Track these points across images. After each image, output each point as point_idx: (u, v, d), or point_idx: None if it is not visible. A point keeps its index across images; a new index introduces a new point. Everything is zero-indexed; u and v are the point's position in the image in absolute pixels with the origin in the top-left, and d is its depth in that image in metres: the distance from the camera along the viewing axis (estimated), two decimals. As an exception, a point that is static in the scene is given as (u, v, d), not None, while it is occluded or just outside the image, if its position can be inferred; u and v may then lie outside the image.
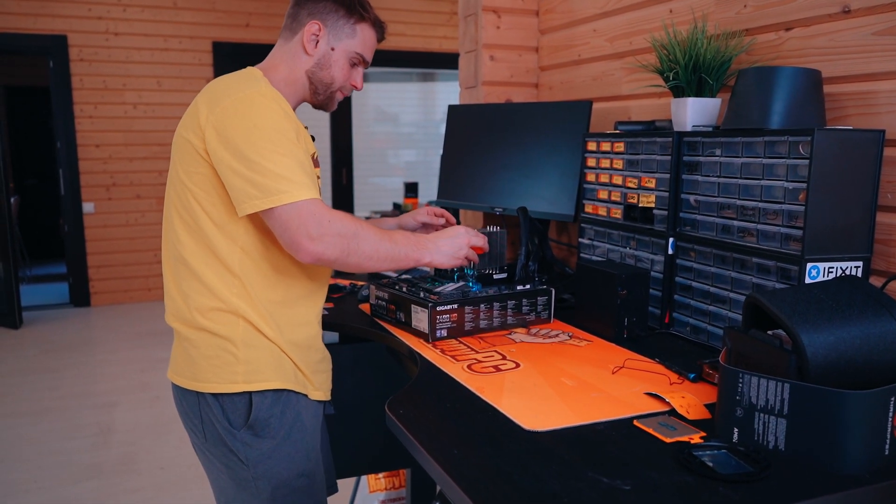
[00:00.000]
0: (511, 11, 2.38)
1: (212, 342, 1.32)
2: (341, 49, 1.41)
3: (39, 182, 8.18)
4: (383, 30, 1.48)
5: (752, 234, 1.34)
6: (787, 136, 1.25)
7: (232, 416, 1.32)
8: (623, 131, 1.68)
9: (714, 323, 1.45)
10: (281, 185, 1.22)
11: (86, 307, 5.95)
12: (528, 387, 1.21)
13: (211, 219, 1.30)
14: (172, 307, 1.37)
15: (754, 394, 0.96)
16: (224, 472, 1.36)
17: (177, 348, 1.39)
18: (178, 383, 1.37)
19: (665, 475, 0.89)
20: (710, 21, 1.69)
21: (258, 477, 1.33)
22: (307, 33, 1.39)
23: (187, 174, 1.30)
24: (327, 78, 1.42)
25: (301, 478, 1.37)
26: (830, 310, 0.99)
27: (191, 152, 1.29)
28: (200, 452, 1.40)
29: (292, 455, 1.36)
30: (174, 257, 1.35)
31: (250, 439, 1.32)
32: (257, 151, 1.22)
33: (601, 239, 1.78)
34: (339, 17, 1.40)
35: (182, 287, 1.34)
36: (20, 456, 3.17)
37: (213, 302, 1.31)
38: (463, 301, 1.49)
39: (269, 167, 1.22)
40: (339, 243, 1.25)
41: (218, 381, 1.32)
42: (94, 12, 5.71)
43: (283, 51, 1.42)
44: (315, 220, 1.23)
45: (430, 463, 0.93)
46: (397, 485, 2.35)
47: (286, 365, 1.36)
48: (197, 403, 1.34)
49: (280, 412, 1.35)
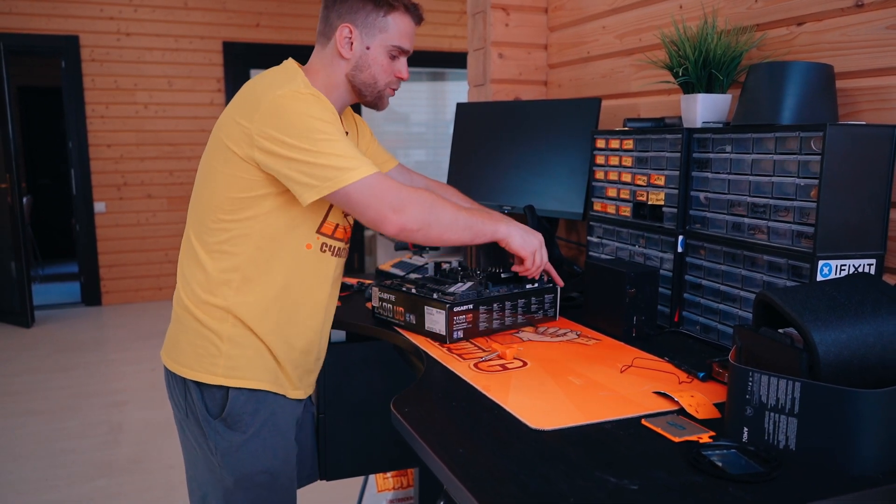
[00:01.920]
0: (520, 9, 2.37)
1: (199, 331, 1.35)
2: (377, 46, 1.38)
3: (51, 182, 8.24)
4: (419, 13, 1.42)
5: (762, 232, 1.32)
6: (799, 131, 1.23)
7: (209, 405, 1.36)
8: (632, 128, 1.66)
9: (724, 321, 1.43)
10: (343, 164, 1.22)
11: (97, 306, 5.99)
12: (534, 385, 1.19)
13: (228, 216, 1.31)
14: (178, 290, 1.41)
15: (764, 392, 0.94)
16: (198, 451, 1.40)
17: (171, 330, 1.43)
18: (165, 364, 1.42)
19: (674, 475, 0.88)
20: (721, 16, 1.67)
21: (223, 466, 1.37)
22: (339, 38, 1.36)
23: (213, 168, 1.32)
24: (369, 79, 1.39)
25: (264, 474, 1.39)
26: (843, 307, 0.97)
27: (224, 150, 1.29)
28: (180, 427, 1.44)
29: (258, 452, 1.38)
30: (188, 243, 1.38)
31: (222, 430, 1.35)
32: (310, 140, 1.22)
33: (610, 237, 1.76)
34: (368, 13, 1.36)
35: (185, 272, 1.37)
36: (32, 454, 3.19)
37: (208, 294, 1.34)
38: (478, 301, 1.46)
39: (326, 151, 1.22)
40: (421, 213, 1.27)
41: (198, 370, 1.35)
42: (106, 13, 5.74)
43: (320, 57, 1.41)
44: (394, 192, 1.25)
45: (435, 462, 0.92)
46: (405, 484, 2.34)
47: (269, 366, 1.37)
48: (182, 383, 1.38)
49: (253, 410, 1.37)
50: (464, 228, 1.35)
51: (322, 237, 1.37)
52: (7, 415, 3.65)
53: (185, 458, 1.47)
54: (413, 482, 2.31)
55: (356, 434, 1.99)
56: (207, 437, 1.36)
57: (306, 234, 1.35)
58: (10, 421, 3.57)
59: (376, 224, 1.26)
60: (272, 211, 1.30)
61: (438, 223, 1.30)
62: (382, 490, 2.33)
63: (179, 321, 1.39)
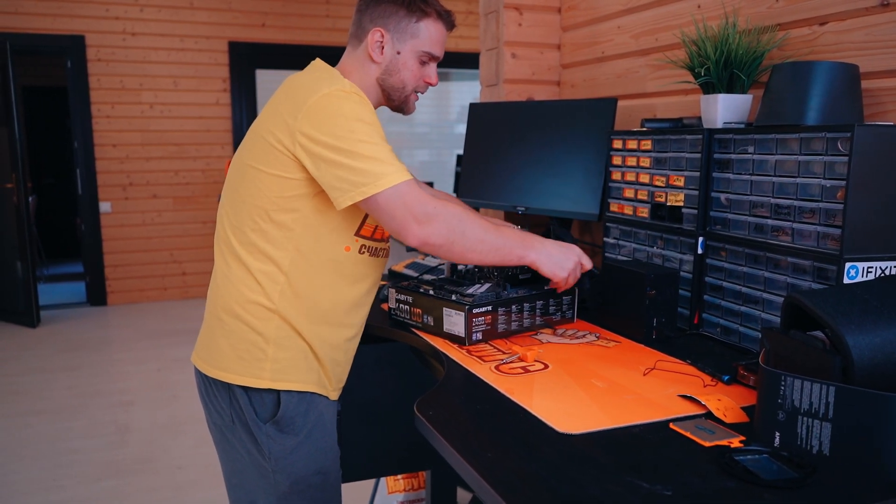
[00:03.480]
0: (533, 8, 2.36)
1: (244, 334, 1.32)
2: (408, 51, 1.39)
3: (57, 182, 8.24)
4: (451, 20, 1.43)
5: (786, 233, 1.31)
6: (826, 132, 1.22)
7: (258, 409, 1.33)
8: (651, 129, 1.65)
9: (746, 324, 1.41)
10: (378, 169, 1.21)
11: (102, 306, 5.98)
12: (558, 388, 1.18)
13: (270, 216, 1.29)
14: (215, 291, 1.38)
15: (797, 397, 0.93)
16: (246, 458, 1.37)
17: (206, 334, 1.39)
18: (202, 370, 1.37)
19: (706, 480, 0.86)
20: (741, 16, 1.66)
21: (277, 471, 1.34)
22: (371, 41, 1.37)
23: (255, 168, 1.29)
24: (398, 83, 1.40)
25: (318, 475, 1.38)
26: (876, 310, 0.96)
27: (268, 149, 1.27)
28: (221, 435, 1.40)
29: (312, 453, 1.37)
30: (226, 243, 1.35)
31: (274, 434, 1.33)
32: (349, 141, 1.21)
33: (627, 238, 1.75)
34: (401, 18, 1.37)
35: (228, 274, 1.34)
36: (38, 454, 3.18)
37: (254, 295, 1.31)
38: (497, 302, 1.45)
39: (363, 154, 1.21)
40: (445, 229, 1.26)
41: (244, 374, 1.32)
42: (112, 12, 5.73)
43: (352, 59, 1.41)
44: (420, 204, 1.24)
45: (464, 466, 0.91)
46: (416, 486, 2.33)
47: (312, 366, 1.36)
48: (227, 389, 1.34)
49: (304, 411, 1.35)
50: (489, 251, 1.32)
51: (361, 239, 1.36)
52: (12, 415, 3.64)
53: (226, 468, 1.43)
54: (424, 484, 2.30)
55: (369, 436, 1.97)
56: (259, 442, 1.33)
57: (345, 237, 1.33)
58: (16, 421, 3.56)
59: (399, 233, 1.25)
60: (313, 212, 1.29)
61: (463, 241, 1.28)
62: (393, 492, 2.31)
63: (221, 325, 1.35)
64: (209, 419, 1.42)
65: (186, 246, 6.19)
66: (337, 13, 6.39)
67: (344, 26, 6.39)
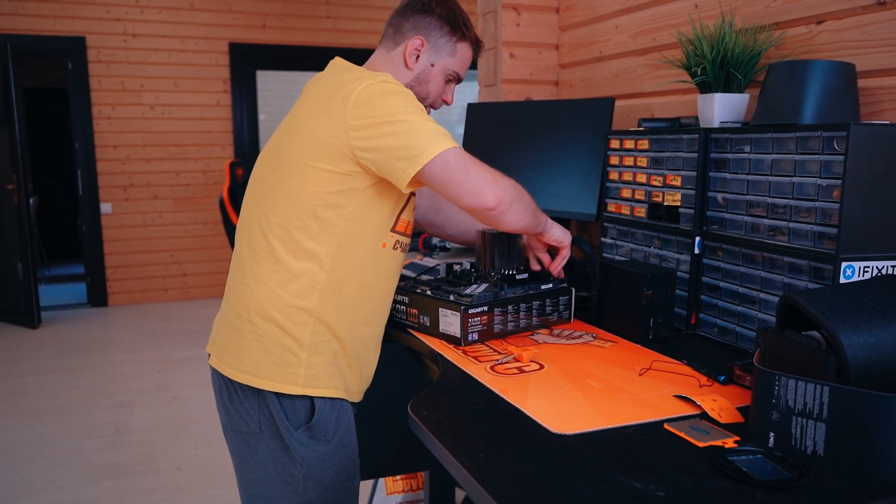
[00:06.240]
0: (531, 8, 2.36)
1: (277, 338, 1.30)
2: (440, 66, 1.43)
3: (58, 182, 8.26)
4: (480, 49, 1.49)
5: (783, 233, 1.30)
6: (821, 131, 1.21)
7: (290, 415, 1.31)
8: (648, 128, 1.65)
9: (742, 324, 1.41)
10: (435, 137, 1.22)
11: (103, 307, 5.99)
12: (553, 389, 1.18)
13: (315, 212, 1.27)
14: (242, 292, 1.33)
15: (791, 397, 0.92)
16: (271, 465, 1.34)
17: (233, 337, 1.35)
18: (228, 375, 1.34)
19: (700, 481, 0.86)
20: (738, 15, 1.66)
21: (309, 478, 1.33)
22: (410, 47, 1.40)
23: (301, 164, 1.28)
24: (423, 92, 1.44)
25: (346, 481, 1.38)
26: (871, 310, 0.95)
27: (322, 145, 1.26)
28: (242, 441, 1.36)
29: (342, 459, 1.36)
30: (258, 242, 1.32)
31: (306, 440, 1.32)
32: (402, 113, 1.22)
33: (624, 238, 1.74)
34: (443, 34, 1.41)
35: (260, 274, 1.31)
36: (38, 455, 3.18)
37: (291, 298, 1.29)
38: (493, 303, 1.45)
39: (418, 127, 1.22)
40: (512, 190, 1.28)
41: (277, 380, 1.30)
42: (112, 14, 5.74)
43: (384, 60, 1.43)
44: (483, 164, 1.25)
45: (456, 467, 0.91)
46: (415, 487, 2.32)
47: (345, 373, 1.36)
48: (256, 395, 1.32)
49: (336, 417, 1.35)
50: (532, 215, 1.35)
51: (395, 235, 1.37)
52: (13, 415, 3.64)
53: (242, 475, 1.39)
54: (423, 485, 2.30)
55: (368, 437, 1.97)
56: (291, 449, 1.31)
57: (383, 233, 1.34)
58: (17, 422, 3.56)
59: (474, 193, 1.22)
60: (358, 208, 1.28)
61: (521, 201, 1.30)
62: (392, 493, 2.31)
63: (252, 328, 1.31)
64: (228, 425, 1.38)
65: (187, 247, 6.20)
66: (337, 14, 6.40)
67: (344, 27, 6.40)
